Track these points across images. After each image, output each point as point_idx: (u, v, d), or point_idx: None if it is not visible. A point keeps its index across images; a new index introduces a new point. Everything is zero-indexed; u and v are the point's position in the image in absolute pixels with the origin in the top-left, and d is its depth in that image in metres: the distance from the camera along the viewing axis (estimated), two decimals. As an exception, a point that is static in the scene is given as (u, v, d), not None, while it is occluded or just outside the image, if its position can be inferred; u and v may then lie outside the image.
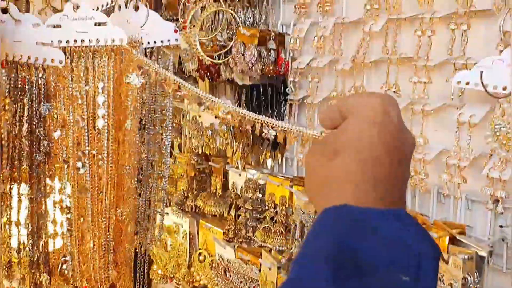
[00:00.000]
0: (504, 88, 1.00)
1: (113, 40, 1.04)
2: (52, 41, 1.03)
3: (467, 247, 1.03)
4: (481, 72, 1.03)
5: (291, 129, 0.63)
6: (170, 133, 1.28)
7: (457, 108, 1.11)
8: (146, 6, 1.22)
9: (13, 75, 1.07)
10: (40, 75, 1.06)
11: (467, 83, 1.05)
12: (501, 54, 1.02)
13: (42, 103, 1.04)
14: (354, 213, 0.42)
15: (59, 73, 1.05)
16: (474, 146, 1.07)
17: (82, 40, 1.03)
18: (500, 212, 1.02)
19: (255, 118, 0.60)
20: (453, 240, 1.05)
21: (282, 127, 0.63)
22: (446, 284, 1.01)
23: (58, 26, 1.04)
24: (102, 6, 1.25)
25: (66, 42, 1.04)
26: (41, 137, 1.07)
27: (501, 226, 1.06)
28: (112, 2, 1.23)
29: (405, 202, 0.48)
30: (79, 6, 1.01)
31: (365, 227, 0.41)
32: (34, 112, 1.06)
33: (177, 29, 1.26)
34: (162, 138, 1.36)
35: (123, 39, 1.05)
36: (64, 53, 1.07)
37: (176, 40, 1.21)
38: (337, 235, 0.41)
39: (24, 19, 1.05)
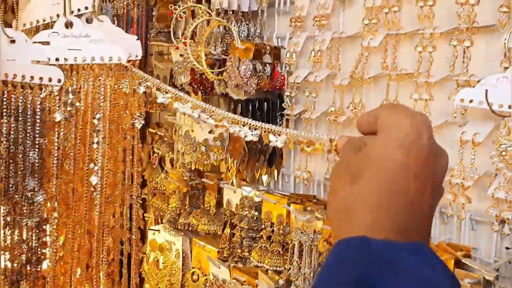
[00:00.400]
0: (510, 107, 0.97)
1: (110, 58, 1.00)
2: (49, 59, 0.98)
3: (473, 271, 1.00)
4: (486, 91, 1.00)
5: (299, 134, 0.59)
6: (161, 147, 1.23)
7: (460, 126, 1.08)
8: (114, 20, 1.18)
9: (5, 95, 1.03)
10: (30, 95, 1.01)
11: (471, 101, 1.02)
12: (506, 71, 0.99)
13: (37, 137, 0.99)
14: (373, 245, 0.40)
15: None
16: (478, 164, 1.04)
17: (75, 58, 0.99)
18: (507, 234, 0.99)
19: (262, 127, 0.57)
20: (458, 263, 1.01)
21: (289, 132, 0.59)
22: (453, 310, 0.97)
23: (46, 43, 0.99)
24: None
25: (56, 59, 0.99)
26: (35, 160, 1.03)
27: (507, 248, 1.03)
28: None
29: (429, 233, 0.45)
30: (72, 23, 0.96)
31: (384, 262, 0.38)
32: (28, 135, 1.01)
33: (177, 44, 1.22)
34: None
35: (121, 58, 1.01)
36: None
37: (136, 56, 1.16)
38: (356, 269, 0.38)
39: (17, 37, 1.00)
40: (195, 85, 1.56)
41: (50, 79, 0.99)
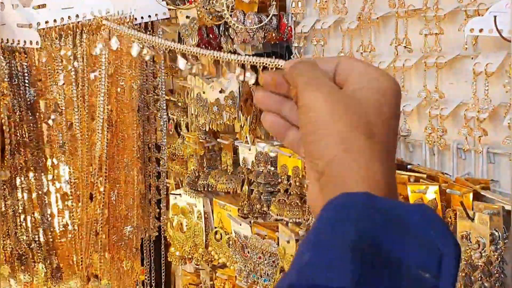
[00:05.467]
0: (522, 31, 0.94)
1: (99, 11, 0.99)
2: (38, 23, 0.98)
3: (492, 202, 0.98)
4: (495, 17, 0.97)
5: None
6: (165, 112, 1.23)
7: (472, 58, 1.05)
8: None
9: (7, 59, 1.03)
10: (24, 58, 1.01)
11: (481, 30, 0.99)
12: (516, -5, 0.95)
13: (28, 89, 1.00)
14: (378, 203, 0.38)
15: (48, 55, 1.00)
16: (492, 95, 1.02)
17: (69, 17, 0.99)
18: (526, 163, 0.96)
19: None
20: (477, 196, 1.00)
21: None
22: (474, 242, 0.96)
23: (43, 6, 0.99)
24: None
25: (54, 21, 0.99)
26: (31, 125, 1.03)
27: (527, 178, 1.01)
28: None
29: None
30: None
31: (390, 222, 0.37)
32: (22, 99, 1.02)
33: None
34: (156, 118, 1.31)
35: (109, 9, 1.00)
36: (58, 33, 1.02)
37: (164, 14, 1.15)
38: (359, 226, 0.37)
39: (6, 1, 1.00)
40: (203, 46, 1.55)
41: (31, 43, 0.99)
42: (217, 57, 0.57)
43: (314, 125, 0.43)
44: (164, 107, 1.22)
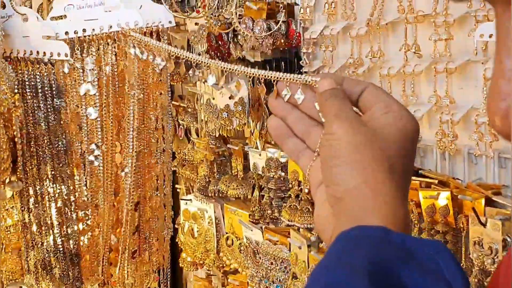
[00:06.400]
0: (533, 36, 0.93)
1: (127, 24, 0.99)
2: (57, 34, 0.98)
3: (504, 208, 0.98)
4: (506, 22, 0.97)
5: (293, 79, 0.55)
6: (170, 117, 1.23)
7: (482, 63, 1.05)
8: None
9: (20, 71, 1.04)
10: (51, 71, 1.02)
11: (491, 36, 0.99)
12: (526, 0, 0.95)
13: (55, 99, 1.01)
14: (393, 238, 0.40)
15: (69, 67, 1.01)
16: (503, 101, 1.01)
17: (93, 29, 0.99)
18: (538, 168, 0.96)
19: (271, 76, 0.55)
20: (489, 202, 1.00)
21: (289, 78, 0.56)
22: (486, 248, 0.96)
23: (63, 17, 1.00)
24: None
25: (74, 32, 0.99)
26: (59, 134, 1.04)
27: (539, 183, 1.00)
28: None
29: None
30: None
31: (404, 255, 0.39)
32: (49, 109, 1.02)
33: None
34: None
35: (138, 22, 1.00)
36: (74, 45, 1.03)
37: (170, 22, 1.15)
38: (373, 254, 0.39)
39: (29, 13, 1.01)
40: (212, 52, 1.56)
41: (58, 54, 1.00)
42: (254, 74, 0.57)
43: (336, 152, 0.45)
44: (170, 112, 1.23)
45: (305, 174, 0.51)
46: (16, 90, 1.07)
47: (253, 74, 0.62)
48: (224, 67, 0.72)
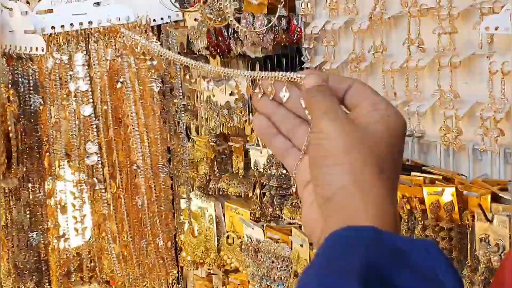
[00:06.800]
0: (539, 29, 0.92)
1: (118, 19, 0.97)
2: (43, 28, 0.96)
3: (510, 203, 0.96)
4: (511, 15, 0.95)
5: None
6: (183, 115, 1.22)
7: (487, 57, 1.04)
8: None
9: (12, 66, 1.02)
10: (32, 66, 1.00)
11: (496, 28, 0.97)
12: (532, -8, 0.93)
13: (32, 97, 0.98)
14: (384, 237, 0.40)
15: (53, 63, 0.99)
16: (509, 95, 1.00)
17: (81, 23, 0.97)
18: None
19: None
20: (495, 197, 0.98)
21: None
22: (493, 244, 0.94)
23: (49, 11, 0.98)
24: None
25: (61, 27, 0.97)
26: (35, 134, 1.02)
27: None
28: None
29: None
30: (73, -13, 0.95)
31: (395, 254, 0.39)
32: (27, 107, 1.00)
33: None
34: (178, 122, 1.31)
35: (129, 17, 0.98)
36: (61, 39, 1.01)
37: (177, 15, 1.13)
38: (365, 256, 0.38)
39: (15, 7, 0.99)
40: (212, 49, 1.54)
41: (36, 49, 0.97)
42: (238, 75, 0.55)
43: (326, 152, 0.44)
44: (183, 109, 1.21)
45: (291, 173, 0.50)
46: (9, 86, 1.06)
47: (239, 75, 0.59)
48: (210, 70, 0.70)
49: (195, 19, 1.59)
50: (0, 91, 1.02)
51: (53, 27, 0.98)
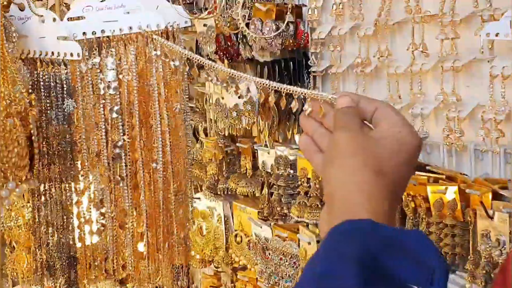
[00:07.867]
0: (537, 35, 0.97)
1: (148, 26, 1.02)
2: (74, 34, 1.01)
3: (510, 201, 1.01)
4: (511, 22, 1.00)
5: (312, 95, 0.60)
6: (190, 116, 1.27)
7: (488, 61, 1.08)
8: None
9: (35, 71, 1.07)
10: (64, 71, 1.05)
11: (497, 35, 1.02)
12: (531, 0, 0.98)
13: (66, 100, 1.03)
14: (379, 229, 0.46)
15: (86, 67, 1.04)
16: (509, 98, 1.05)
17: (113, 30, 1.01)
18: (543, 163, 0.99)
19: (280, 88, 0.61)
20: (496, 196, 1.03)
21: (301, 92, 0.61)
22: (494, 240, 0.99)
23: (81, 18, 1.03)
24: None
25: (92, 33, 1.02)
26: (67, 135, 1.07)
27: (544, 177, 1.03)
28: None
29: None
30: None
31: (389, 244, 0.45)
32: (59, 109, 1.05)
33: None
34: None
35: (160, 24, 1.03)
36: (93, 45, 1.06)
37: (186, 22, 1.17)
38: (365, 246, 0.44)
39: (46, 14, 1.04)
40: (221, 53, 1.59)
41: (71, 55, 1.02)
42: (283, 89, 0.63)
43: (335, 156, 0.52)
44: (188, 111, 1.26)
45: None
46: (30, 91, 1.11)
47: (268, 86, 0.67)
48: (238, 76, 0.76)
49: (204, 25, 1.64)
50: (23, 96, 1.07)
51: (84, 34, 1.04)
